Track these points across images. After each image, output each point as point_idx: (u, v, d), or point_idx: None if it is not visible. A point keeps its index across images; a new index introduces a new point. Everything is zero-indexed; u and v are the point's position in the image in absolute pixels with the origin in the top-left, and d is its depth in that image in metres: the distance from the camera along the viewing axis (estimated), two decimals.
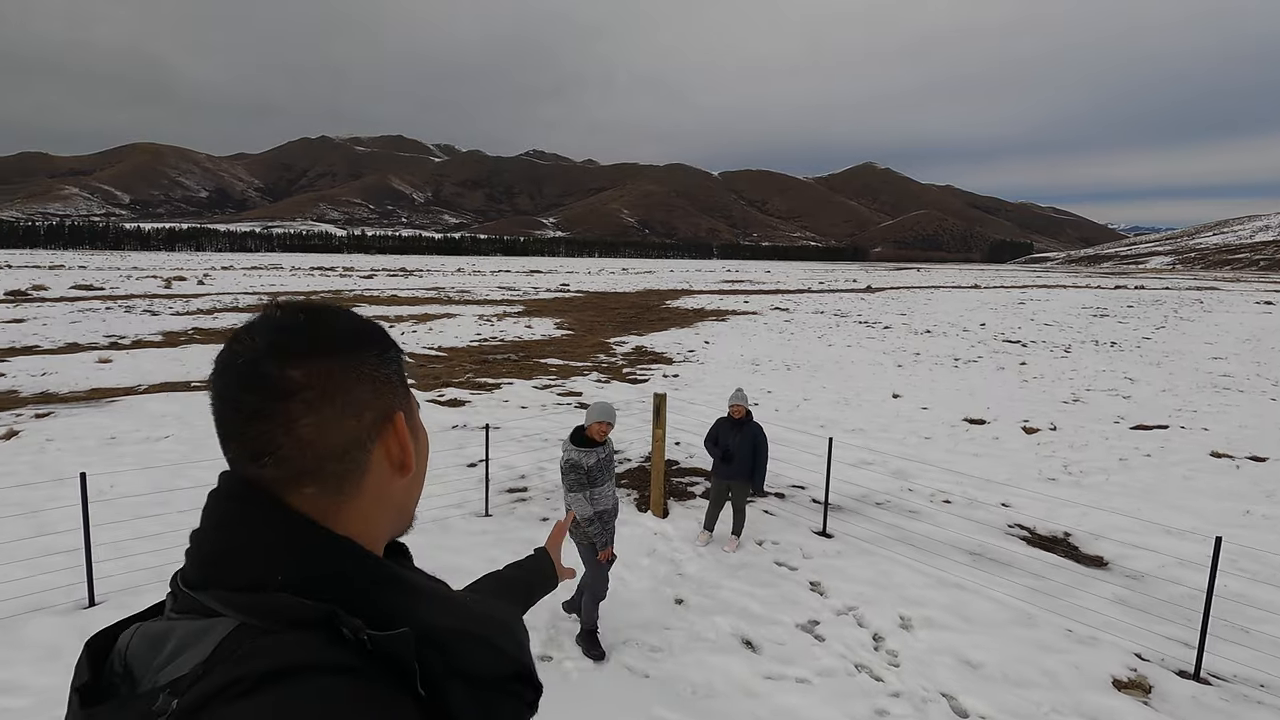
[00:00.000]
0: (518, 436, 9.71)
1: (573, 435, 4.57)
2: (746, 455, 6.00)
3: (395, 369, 0.73)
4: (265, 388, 0.63)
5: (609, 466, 4.57)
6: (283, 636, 0.57)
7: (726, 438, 6.08)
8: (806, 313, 32.58)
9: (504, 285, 54.63)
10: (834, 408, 12.00)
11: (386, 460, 0.70)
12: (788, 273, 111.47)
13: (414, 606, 0.66)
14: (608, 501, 4.52)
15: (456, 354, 17.91)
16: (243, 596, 0.60)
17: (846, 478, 7.88)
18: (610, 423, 4.55)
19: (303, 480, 0.65)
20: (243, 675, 0.52)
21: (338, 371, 0.66)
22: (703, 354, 18.49)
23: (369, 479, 0.69)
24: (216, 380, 0.66)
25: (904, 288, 62.36)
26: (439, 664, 0.64)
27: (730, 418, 6.16)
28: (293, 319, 0.67)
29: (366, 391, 0.68)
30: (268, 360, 0.64)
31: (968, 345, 21.01)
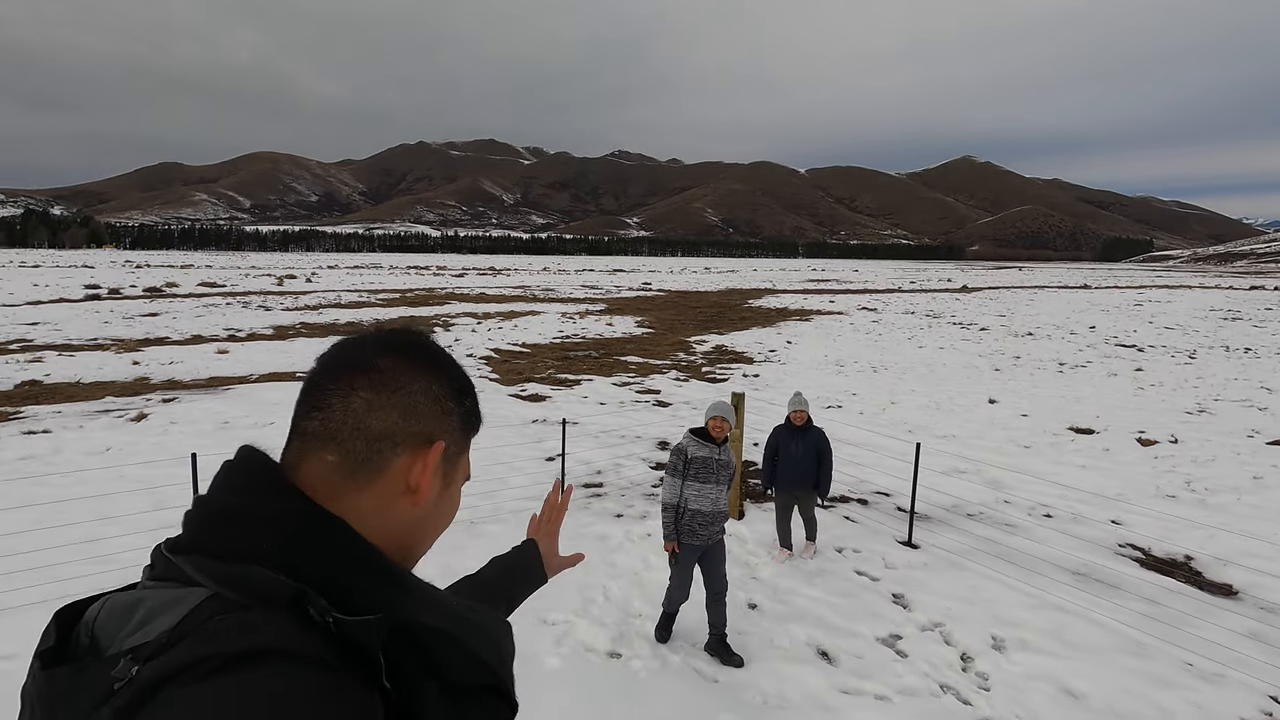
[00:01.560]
0: (595, 433, 9.79)
1: (694, 430, 4.57)
2: (810, 463, 5.74)
3: (463, 413, 0.77)
4: (351, 363, 0.71)
5: (718, 470, 4.44)
6: (253, 614, 0.55)
7: (787, 446, 5.83)
8: (896, 313, 31.29)
9: (587, 284, 55.50)
10: (924, 412, 11.43)
11: (405, 475, 0.71)
12: (876, 271, 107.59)
13: (393, 597, 0.63)
14: (706, 503, 4.38)
15: (539, 350, 18.30)
16: (221, 564, 0.59)
17: (936, 486, 7.47)
18: (728, 420, 4.47)
19: (330, 445, 0.68)
20: (210, 654, 0.50)
21: (413, 377, 0.72)
22: (785, 354, 18.07)
23: (384, 481, 0.70)
24: (326, 352, 0.74)
25: (1003, 287, 58.85)
26: (413, 661, 0.61)
27: (790, 424, 5.89)
28: (405, 330, 0.77)
29: (425, 408, 0.72)
30: (368, 346, 0.73)
31: (1075, 349, 19.55)
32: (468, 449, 0.81)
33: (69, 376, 13.26)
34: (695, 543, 4.41)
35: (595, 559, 5.78)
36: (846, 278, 78.49)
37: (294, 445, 0.70)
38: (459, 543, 5.90)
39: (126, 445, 8.60)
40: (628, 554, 5.87)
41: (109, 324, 22.39)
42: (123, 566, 5.13)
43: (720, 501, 4.44)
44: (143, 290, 38.32)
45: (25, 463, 7.87)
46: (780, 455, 5.87)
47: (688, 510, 4.38)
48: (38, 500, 6.49)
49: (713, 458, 4.42)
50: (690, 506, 4.38)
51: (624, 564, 5.70)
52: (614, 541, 6.15)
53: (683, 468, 4.40)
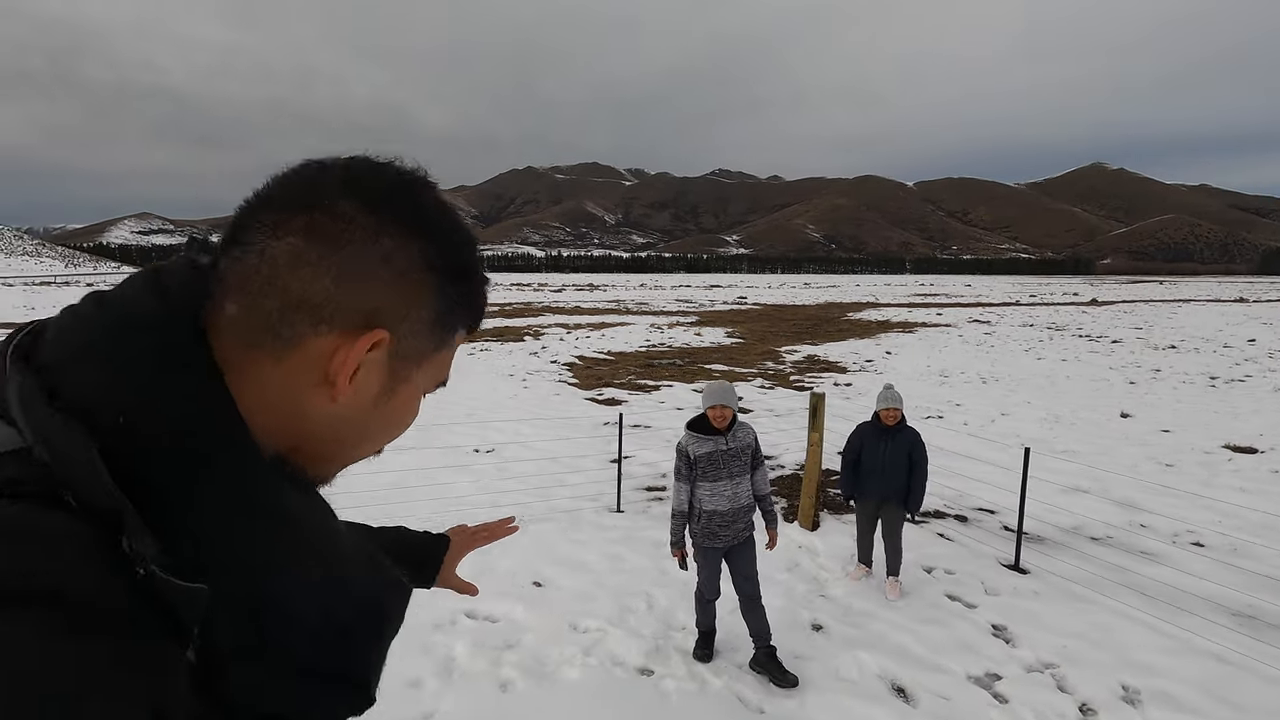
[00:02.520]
0: (668, 437, 9.25)
1: (692, 421, 3.96)
2: (899, 470, 4.78)
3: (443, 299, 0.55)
4: (300, 194, 0.51)
5: (729, 461, 3.81)
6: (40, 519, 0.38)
7: (873, 448, 4.90)
8: (1012, 325, 28.76)
9: (681, 298, 55.22)
10: (1040, 425, 10.07)
11: (324, 363, 0.50)
12: (991, 286, 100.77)
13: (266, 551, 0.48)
14: (722, 500, 3.78)
15: (623, 358, 18.02)
16: (50, 412, 0.42)
17: (1053, 504, 6.38)
18: (728, 405, 3.81)
19: (237, 293, 0.49)
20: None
21: (375, 233, 0.51)
22: (882, 364, 16.81)
23: (295, 360, 0.50)
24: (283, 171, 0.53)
25: (1140, 301, 53.21)
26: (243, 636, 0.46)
27: (877, 423, 4.95)
28: (393, 166, 0.54)
29: (378, 280, 0.51)
30: (332, 175, 0.52)
31: (1230, 363, 16.99)
32: (448, 347, 0.58)
33: None
34: (718, 545, 3.85)
35: (645, 564, 5.25)
36: (957, 292, 73.82)
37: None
38: (505, 541, 5.53)
39: None
40: None
41: None
42: None
43: (740, 495, 3.82)
44: None
45: None
46: (863, 459, 4.97)
47: (704, 513, 3.80)
48: None
49: (718, 450, 3.79)
50: (706, 508, 3.79)
51: (675, 572, 5.10)
52: (668, 549, 5.57)
53: (687, 469, 3.82)
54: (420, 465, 7.23)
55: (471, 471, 7.30)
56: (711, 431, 3.85)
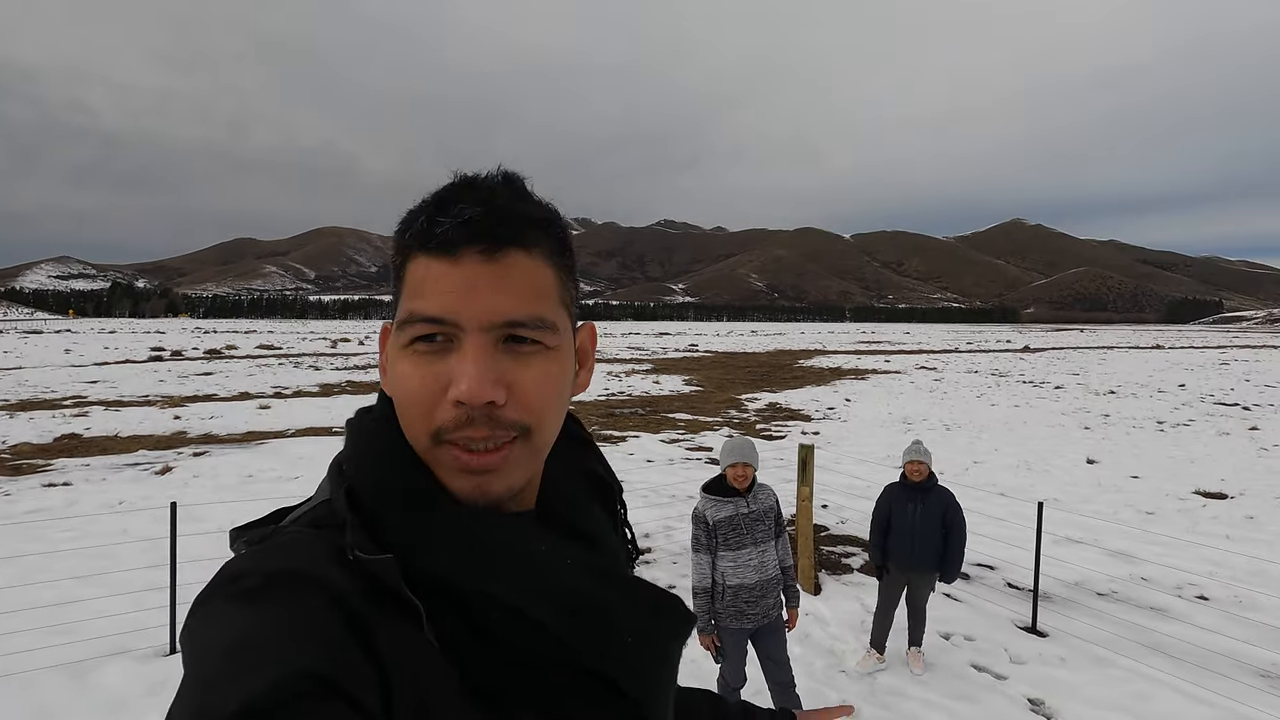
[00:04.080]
0: (643, 492, 8.81)
1: (708, 483, 3.58)
2: (933, 535, 4.38)
3: (398, 261, 0.61)
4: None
5: (752, 525, 3.45)
6: (316, 535, 0.55)
7: (902, 512, 4.47)
8: (958, 372, 29.60)
9: (633, 346, 55.16)
10: (1014, 473, 10.08)
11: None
12: (929, 334, 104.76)
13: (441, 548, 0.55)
14: (749, 572, 3.39)
15: (583, 408, 17.52)
16: (334, 473, 0.60)
17: (1049, 557, 6.19)
18: (750, 464, 3.48)
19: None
20: (250, 570, 0.51)
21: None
22: (844, 411, 16.84)
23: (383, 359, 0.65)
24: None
25: (1069, 348, 56.01)
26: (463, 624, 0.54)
27: (905, 481, 4.56)
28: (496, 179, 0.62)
29: (394, 281, 0.62)
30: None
31: (1170, 407, 17.72)
32: (399, 293, 0.60)
33: (109, 430, 13.06)
34: (746, 626, 3.42)
35: None
36: (898, 340, 76.33)
37: None
38: None
39: (141, 499, 8.03)
40: None
41: (164, 382, 22.70)
42: (85, 638, 4.36)
43: (768, 565, 3.45)
44: (203, 352, 39.52)
45: (32, 515, 7.35)
46: (893, 522, 4.52)
47: (728, 588, 3.39)
48: (27, 553, 5.87)
49: (739, 514, 3.43)
50: (730, 582, 3.39)
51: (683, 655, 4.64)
52: None
53: (707, 538, 3.43)
54: None
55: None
56: (730, 493, 3.49)
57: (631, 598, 0.61)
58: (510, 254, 0.56)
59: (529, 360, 0.57)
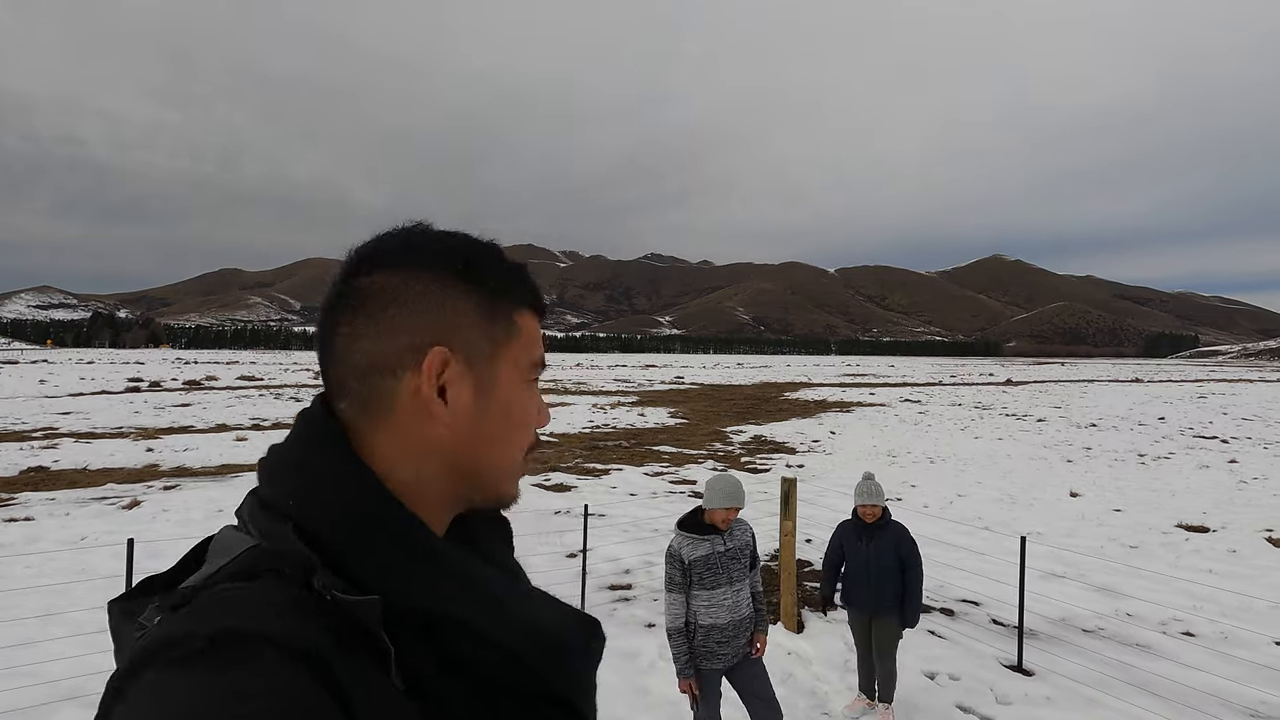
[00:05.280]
0: (624, 525, 8.67)
1: (684, 519, 3.48)
2: (890, 573, 4.15)
3: (477, 300, 0.63)
4: (328, 294, 0.63)
5: (728, 564, 3.35)
6: (256, 587, 0.50)
7: (855, 551, 4.27)
8: (942, 404, 29.76)
9: (619, 378, 55.08)
10: (997, 506, 10.04)
11: (416, 396, 0.59)
12: (913, 367, 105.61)
13: (407, 570, 0.54)
14: (722, 613, 3.29)
15: (568, 440, 17.39)
16: (265, 515, 0.56)
17: (1034, 592, 6.12)
18: (737, 505, 3.38)
19: (337, 393, 0.60)
20: (191, 632, 0.45)
21: (398, 285, 0.60)
22: (829, 444, 16.80)
23: (397, 412, 0.59)
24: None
25: (1050, 381, 56.63)
26: (427, 652, 0.53)
27: (858, 520, 4.33)
28: (386, 231, 0.64)
29: (416, 313, 0.60)
30: (346, 270, 0.63)
31: (1150, 440, 17.86)
32: (518, 331, 0.65)
33: (78, 463, 12.73)
34: (717, 666, 3.32)
35: (617, 684, 4.60)
36: (883, 372, 76.86)
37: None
38: None
39: (105, 534, 7.77)
40: (663, 677, 4.66)
41: (139, 413, 22.27)
42: (50, 680, 4.14)
43: (742, 604, 3.36)
44: (183, 383, 38.91)
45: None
46: (848, 564, 4.36)
47: (700, 627, 3.30)
48: None
49: (715, 552, 3.34)
50: (702, 622, 3.30)
51: (659, 691, 4.50)
52: (645, 660, 4.96)
53: (682, 576, 3.32)
54: None
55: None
56: (707, 530, 3.40)
57: (570, 621, 0.64)
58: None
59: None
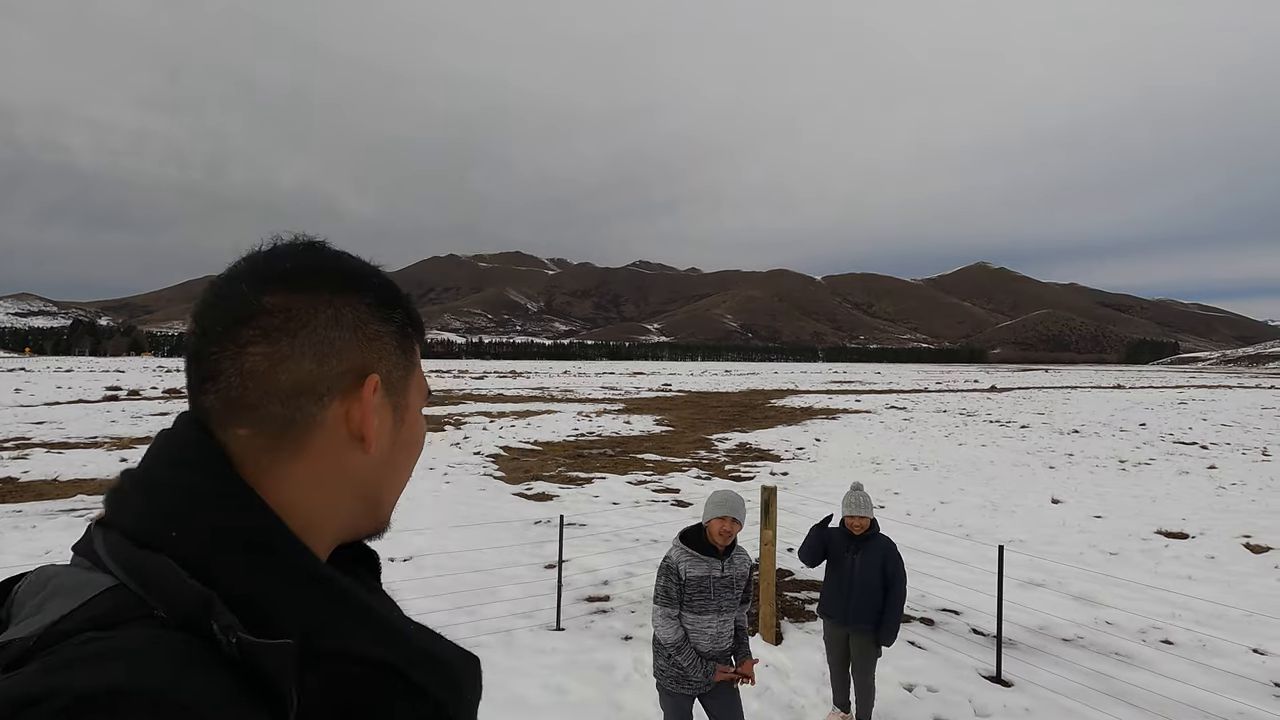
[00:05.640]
0: (605, 535, 8.57)
1: (686, 531, 3.35)
2: (873, 588, 4.04)
3: (394, 330, 0.63)
4: (228, 308, 0.56)
5: (721, 591, 3.21)
6: (131, 635, 0.44)
7: (840, 561, 4.16)
8: (927, 411, 29.89)
9: (607, 385, 54.96)
10: (980, 513, 10.03)
11: (345, 424, 0.58)
12: (899, 374, 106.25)
13: (322, 612, 0.51)
14: (703, 640, 3.17)
15: (551, 448, 17.25)
16: (131, 548, 0.49)
17: (1014, 601, 6.08)
18: (739, 521, 3.24)
19: (239, 417, 0.55)
20: (55, 690, 0.38)
21: (312, 307, 0.57)
22: (814, 451, 16.79)
23: (318, 439, 0.57)
24: (197, 304, 0.59)
25: (1034, 387, 57.13)
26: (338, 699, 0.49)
27: (844, 531, 4.21)
28: (289, 246, 0.61)
29: (343, 339, 0.58)
30: (242, 281, 0.57)
31: (1131, 446, 18.00)
32: (416, 364, 0.67)
33: (48, 474, 12.43)
34: (687, 691, 3.19)
35: (593, 695, 4.50)
36: (869, 379, 77.23)
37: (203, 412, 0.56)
38: None
39: (67, 547, 7.55)
40: (639, 691, 4.57)
41: (116, 423, 21.86)
42: None
43: (724, 636, 3.23)
44: (162, 392, 38.35)
45: None
46: (830, 572, 4.24)
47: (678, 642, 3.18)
48: None
49: (712, 576, 3.20)
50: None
51: (634, 706, 4.40)
52: (620, 673, 4.86)
53: (678, 591, 3.19)
54: None
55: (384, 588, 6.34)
56: (708, 551, 3.24)
57: (459, 655, 0.61)
58: None
59: None
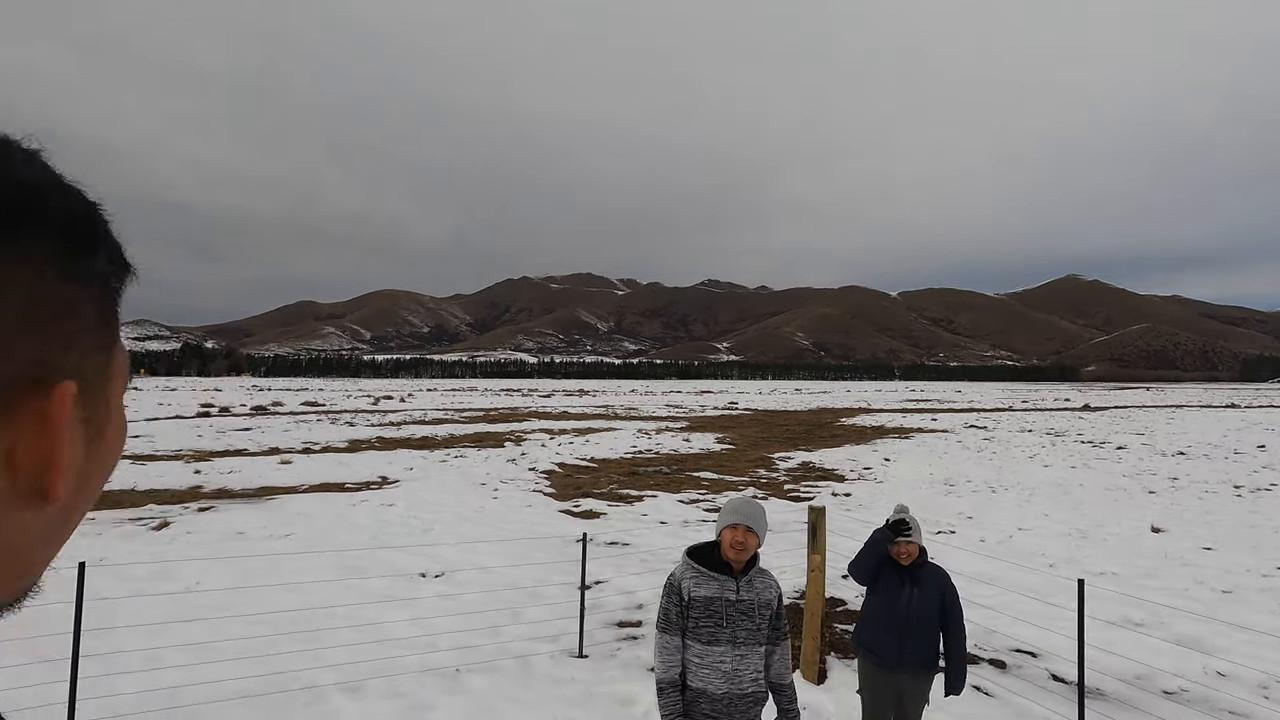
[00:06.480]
0: (644, 555, 8.14)
1: (695, 546, 2.83)
2: (929, 625, 3.48)
3: (94, 291, 0.35)
4: None
5: (736, 618, 2.65)
6: None
7: (892, 591, 3.55)
8: (1010, 431, 27.97)
9: (671, 404, 54.52)
10: (1065, 541, 9.02)
11: (6, 466, 0.34)
12: (981, 392, 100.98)
13: None
14: (715, 677, 2.61)
15: (607, 465, 16.97)
16: None
17: (1105, 643, 5.29)
18: (754, 531, 2.68)
19: None
20: None
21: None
22: (881, 472, 15.82)
23: None
24: None
25: (1133, 406, 52.91)
26: None
27: (892, 560, 3.61)
28: None
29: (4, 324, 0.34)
30: None
31: (1248, 471, 16.10)
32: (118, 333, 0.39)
33: (127, 484, 13.07)
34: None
35: None
36: (949, 398, 73.67)
37: None
38: (429, 699, 4.39)
39: (126, 555, 7.77)
40: None
41: (202, 437, 23.08)
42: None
43: (744, 675, 2.64)
44: (250, 408, 40.56)
45: None
46: (877, 607, 3.60)
47: (688, 689, 2.64)
48: None
49: (724, 598, 2.67)
50: (691, 684, 2.63)
51: None
52: (640, 709, 4.43)
53: (679, 615, 2.67)
54: (347, 599, 6.13)
55: (411, 604, 6.14)
56: (720, 568, 2.71)
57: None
58: None
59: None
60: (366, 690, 4.47)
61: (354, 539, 8.59)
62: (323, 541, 8.42)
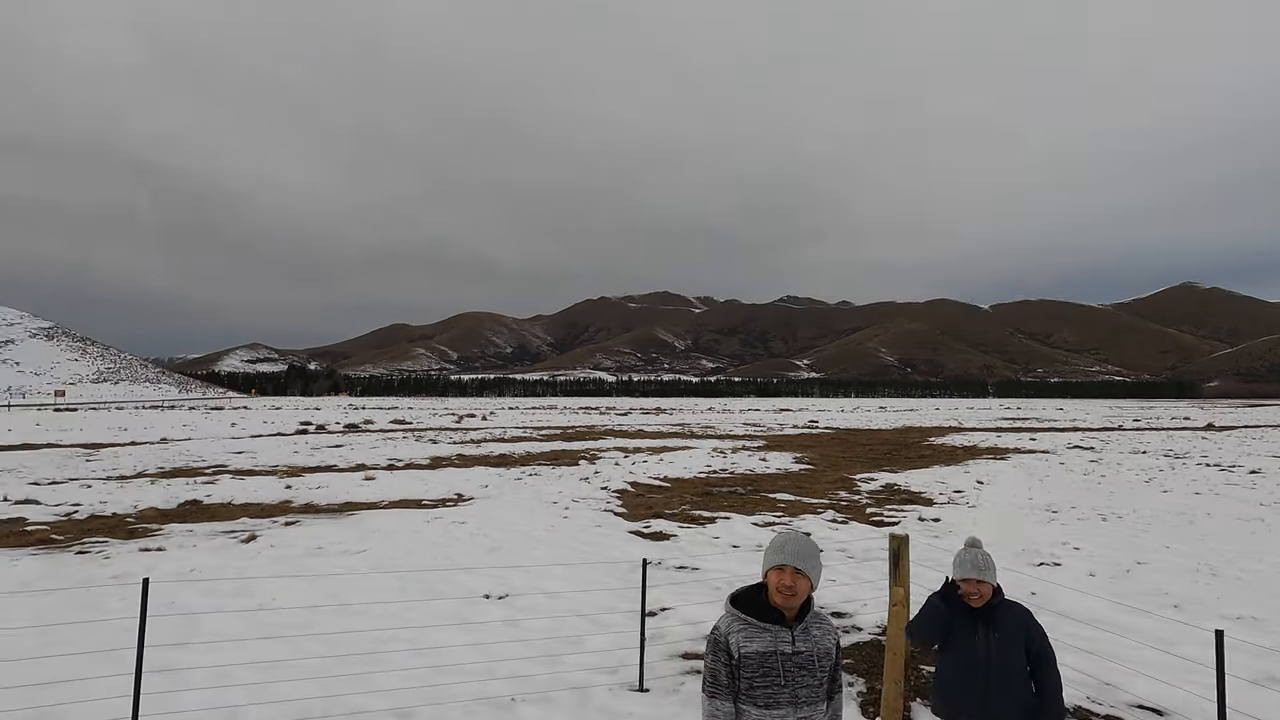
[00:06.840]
0: (715, 581, 7.79)
1: (739, 593, 2.51)
2: (1014, 674, 3.01)
3: None
4: None
5: (800, 673, 2.33)
6: None
7: (966, 639, 3.07)
8: (1120, 452, 25.68)
9: (749, 422, 53.53)
10: (1190, 578, 8.01)
11: None
12: (1086, 410, 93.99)
13: None
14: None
15: (680, 485, 16.65)
16: None
17: (1247, 705, 4.54)
18: (803, 573, 2.34)
19: None
20: None
21: None
22: (974, 495, 14.75)
23: None
24: None
25: (1266, 426, 47.69)
26: None
27: (962, 600, 3.14)
28: None
29: None
30: None
31: None
32: None
33: (226, 498, 13.84)
34: None
35: None
36: (1049, 416, 68.89)
37: None
38: None
39: (212, 568, 8.12)
40: None
41: (297, 453, 24.36)
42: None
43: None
44: (344, 426, 42.70)
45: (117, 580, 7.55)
46: (951, 655, 3.14)
47: None
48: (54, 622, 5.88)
49: (779, 652, 2.33)
50: None
51: None
52: None
53: (729, 676, 2.33)
54: (411, 619, 6.10)
55: (472, 628, 6.05)
56: (770, 616, 2.38)
57: None
58: None
59: None
60: (417, 717, 4.37)
61: (423, 558, 8.67)
62: (393, 559, 8.54)
